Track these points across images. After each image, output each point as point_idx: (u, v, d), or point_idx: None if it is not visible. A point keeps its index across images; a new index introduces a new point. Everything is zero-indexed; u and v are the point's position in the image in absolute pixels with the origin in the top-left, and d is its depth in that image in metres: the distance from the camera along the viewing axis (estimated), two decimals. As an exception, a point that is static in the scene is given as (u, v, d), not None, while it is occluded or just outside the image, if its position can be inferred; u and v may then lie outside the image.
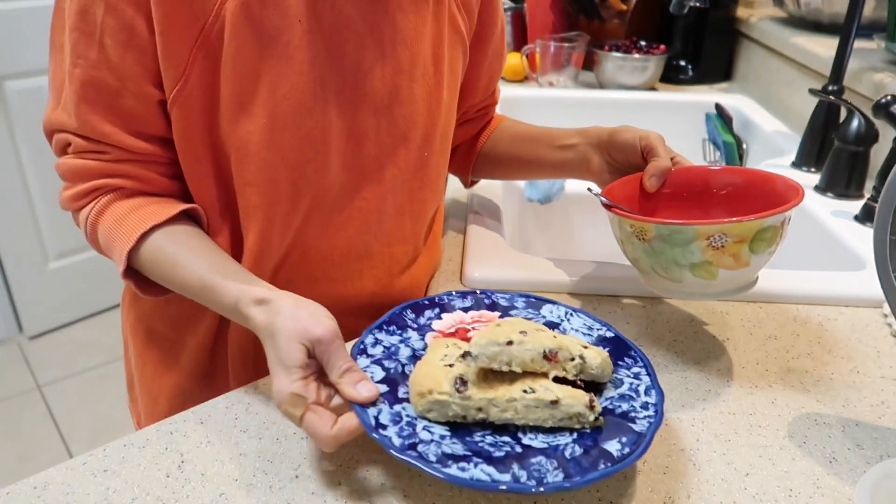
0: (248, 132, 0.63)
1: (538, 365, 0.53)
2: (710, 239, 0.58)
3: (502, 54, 0.86)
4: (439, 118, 0.73)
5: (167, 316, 0.76)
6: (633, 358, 0.58)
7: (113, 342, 2.28)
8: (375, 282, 0.75)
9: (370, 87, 0.67)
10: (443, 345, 0.56)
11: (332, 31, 0.63)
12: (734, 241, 0.59)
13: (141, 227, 0.63)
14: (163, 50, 0.60)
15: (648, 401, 0.53)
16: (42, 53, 2.02)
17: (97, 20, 0.59)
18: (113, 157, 0.64)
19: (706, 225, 0.58)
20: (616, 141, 0.74)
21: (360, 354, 0.57)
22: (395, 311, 0.62)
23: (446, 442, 0.50)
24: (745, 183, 0.70)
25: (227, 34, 0.60)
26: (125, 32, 0.59)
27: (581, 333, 0.61)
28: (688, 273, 0.61)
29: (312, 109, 0.64)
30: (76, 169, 0.65)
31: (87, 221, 0.66)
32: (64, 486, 0.52)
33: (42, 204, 2.15)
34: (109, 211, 0.65)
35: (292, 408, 0.51)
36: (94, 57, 0.60)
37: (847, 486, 0.54)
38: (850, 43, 1.02)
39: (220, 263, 0.62)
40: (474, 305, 0.64)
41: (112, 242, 0.64)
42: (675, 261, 0.61)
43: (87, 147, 0.64)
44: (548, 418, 0.52)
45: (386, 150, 0.70)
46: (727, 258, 0.59)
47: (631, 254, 0.65)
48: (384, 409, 0.52)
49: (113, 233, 0.64)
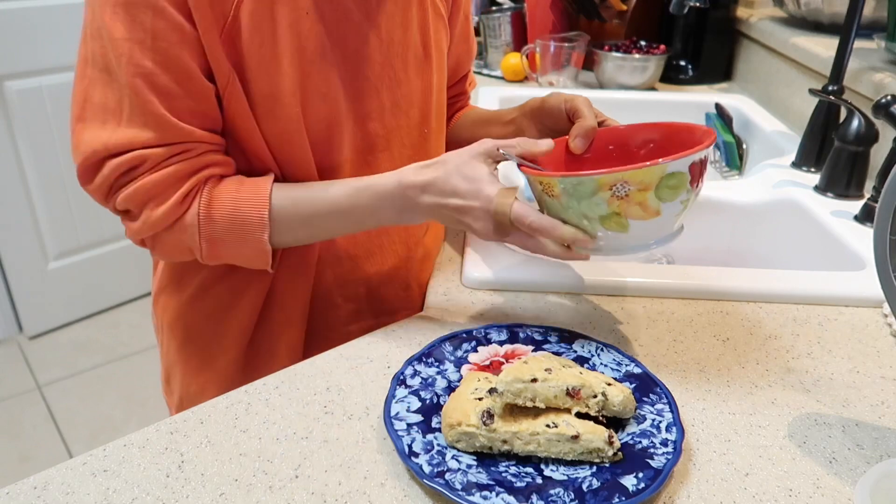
0: (283, 122, 0.67)
1: (561, 401, 0.55)
2: (613, 189, 0.57)
3: (467, 39, 0.90)
4: (433, 95, 0.79)
5: (205, 310, 0.79)
6: (658, 395, 0.59)
7: (113, 342, 2.28)
8: (394, 255, 0.80)
9: (371, 71, 0.72)
10: (475, 378, 0.59)
11: (334, 22, 0.68)
12: (637, 188, 0.57)
13: (263, 187, 0.67)
14: (209, 49, 0.62)
15: (668, 437, 0.55)
16: (42, 53, 2.03)
17: (147, 27, 0.59)
18: (198, 151, 0.65)
19: (606, 174, 0.57)
20: (545, 107, 0.77)
21: (399, 385, 0.60)
22: (433, 344, 0.65)
23: (472, 471, 0.53)
24: (666, 136, 0.69)
25: (245, 33, 0.63)
26: (177, 32, 0.60)
27: (609, 369, 0.63)
28: (599, 226, 0.60)
29: (326, 95, 0.69)
30: (163, 179, 0.64)
31: (200, 215, 0.66)
32: (64, 486, 0.52)
33: (42, 204, 2.15)
34: (217, 195, 0.66)
35: (505, 198, 0.60)
36: (150, 64, 0.60)
37: (847, 486, 0.54)
38: (850, 43, 1.02)
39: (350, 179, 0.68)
40: (509, 339, 0.67)
41: (241, 217, 0.66)
42: (584, 215, 0.60)
43: (170, 152, 0.64)
44: (569, 452, 0.54)
45: (390, 129, 0.76)
46: (634, 207, 0.58)
47: (547, 213, 0.64)
48: (417, 437, 0.55)
49: (236, 209, 0.66)
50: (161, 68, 0.61)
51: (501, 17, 1.63)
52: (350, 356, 0.67)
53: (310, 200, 0.67)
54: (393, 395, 0.58)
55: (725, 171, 1.30)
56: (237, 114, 0.66)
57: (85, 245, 2.29)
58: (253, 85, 0.65)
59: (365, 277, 0.79)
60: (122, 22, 0.59)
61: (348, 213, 0.67)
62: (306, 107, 0.68)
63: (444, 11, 0.81)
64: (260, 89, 0.65)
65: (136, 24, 0.59)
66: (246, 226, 0.66)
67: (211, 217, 0.66)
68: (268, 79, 0.65)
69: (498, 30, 1.64)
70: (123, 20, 0.59)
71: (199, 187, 0.66)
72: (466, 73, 0.95)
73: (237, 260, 0.70)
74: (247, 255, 0.69)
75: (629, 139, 0.71)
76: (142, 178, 0.63)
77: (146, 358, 2.21)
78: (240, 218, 0.66)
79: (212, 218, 0.66)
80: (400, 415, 0.57)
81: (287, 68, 0.65)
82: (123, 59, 0.60)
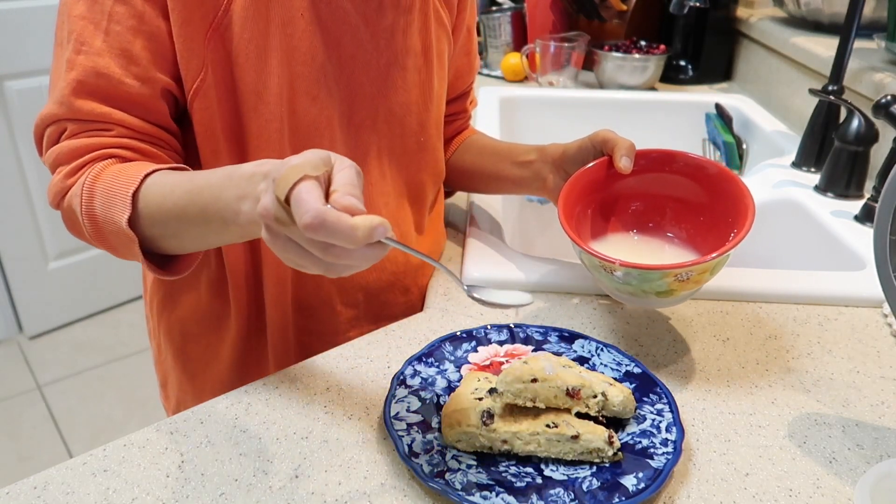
0: (266, 120, 0.66)
1: (561, 401, 0.55)
2: (677, 275, 0.61)
3: (468, 53, 0.87)
4: (431, 105, 0.78)
5: (200, 316, 0.78)
6: (658, 394, 0.59)
7: (113, 342, 2.28)
8: (393, 261, 0.79)
9: (366, 77, 0.71)
10: (474, 378, 0.59)
11: (330, 25, 0.67)
12: (699, 273, 0.61)
13: (146, 167, 0.59)
14: (183, 42, 0.61)
15: (668, 437, 0.55)
16: (42, 53, 2.02)
17: (106, 9, 0.60)
18: (116, 133, 0.63)
19: (674, 268, 0.60)
20: (569, 154, 0.75)
21: (399, 385, 0.60)
22: (433, 344, 0.65)
23: (472, 471, 0.53)
24: (704, 181, 0.70)
25: (236, 27, 0.62)
26: (135, 19, 0.60)
27: (609, 369, 0.63)
28: (652, 297, 0.64)
29: (317, 98, 0.68)
30: (73, 147, 0.62)
31: (84, 186, 0.60)
32: (64, 486, 0.52)
33: (42, 204, 2.15)
34: (106, 171, 0.60)
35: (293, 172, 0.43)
36: (99, 44, 0.60)
37: (847, 486, 0.54)
38: (850, 43, 1.02)
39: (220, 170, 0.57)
40: (509, 339, 0.67)
41: (111, 193, 0.59)
42: (641, 289, 0.63)
43: (86, 127, 0.62)
44: (569, 452, 0.54)
45: (384, 136, 0.74)
46: (691, 284, 0.63)
47: (596, 278, 0.67)
48: (417, 437, 0.55)
49: (112, 186, 0.59)
50: (108, 51, 0.60)
51: (501, 16, 1.63)
52: (350, 356, 0.66)
53: (175, 177, 0.58)
54: (393, 395, 0.58)
55: (725, 171, 1.30)
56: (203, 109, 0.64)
57: (85, 245, 2.29)
58: (239, 80, 0.64)
59: (364, 284, 0.78)
60: (85, 2, 0.60)
61: (198, 193, 0.55)
62: (294, 107, 0.67)
63: (448, 21, 0.79)
64: (245, 84, 0.64)
65: (96, 5, 0.60)
66: (113, 202, 0.58)
67: (92, 192, 0.60)
68: (255, 75, 0.64)
69: (498, 30, 1.64)
70: (86, 0, 0.60)
71: (96, 162, 0.61)
72: (468, 91, 0.92)
73: (120, 249, 0.62)
74: (120, 242, 0.61)
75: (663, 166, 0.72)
76: (59, 144, 0.63)
77: (146, 358, 2.21)
78: (111, 194, 0.59)
79: (93, 192, 0.60)
80: (400, 415, 0.57)
81: (275, 67, 0.65)
82: (73, 35, 0.60)
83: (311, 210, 0.41)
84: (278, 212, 0.44)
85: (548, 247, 1.14)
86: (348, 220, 0.42)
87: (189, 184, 0.56)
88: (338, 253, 0.44)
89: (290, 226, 0.44)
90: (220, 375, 0.79)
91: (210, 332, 0.78)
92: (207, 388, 0.80)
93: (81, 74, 0.60)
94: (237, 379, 0.78)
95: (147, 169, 0.59)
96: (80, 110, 0.61)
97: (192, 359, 0.81)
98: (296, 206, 0.42)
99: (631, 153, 0.70)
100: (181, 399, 0.84)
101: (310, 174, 0.43)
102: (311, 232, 0.42)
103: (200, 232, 0.58)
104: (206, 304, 0.77)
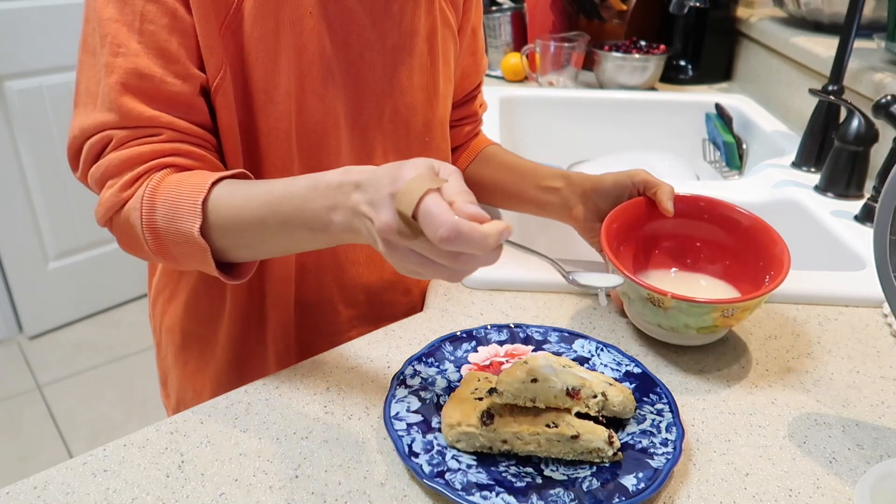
0: (275, 118, 0.66)
1: (561, 401, 0.55)
2: (724, 311, 0.62)
3: (475, 53, 0.86)
4: (437, 105, 0.78)
5: (199, 315, 0.78)
6: (658, 394, 0.59)
7: (113, 342, 2.28)
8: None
9: (372, 76, 0.71)
10: (475, 378, 0.59)
11: (337, 24, 0.67)
12: (742, 310, 0.63)
13: (211, 176, 0.59)
14: (203, 39, 0.61)
15: (668, 437, 0.55)
16: (42, 53, 2.02)
17: (137, 10, 0.59)
18: (166, 137, 0.61)
19: (723, 303, 0.62)
20: (602, 188, 0.75)
21: (399, 385, 0.60)
22: (433, 344, 0.65)
23: (472, 471, 0.53)
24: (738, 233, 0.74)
25: (247, 25, 0.63)
26: (168, 17, 0.60)
27: (609, 369, 0.63)
28: (692, 332, 0.65)
29: (324, 96, 0.68)
30: (125, 157, 0.60)
31: (143, 199, 0.59)
32: (64, 486, 0.52)
33: (42, 204, 2.15)
34: (166, 182, 0.60)
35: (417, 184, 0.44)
36: (135, 46, 0.60)
37: (847, 486, 0.54)
38: (850, 43, 1.02)
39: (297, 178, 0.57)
40: (509, 339, 0.67)
41: (177, 204, 0.58)
42: (684, 324, 0.64)
43: (135, 135, 0.60)
44: (569, 452, 0.54)
45: (389, 136, 0.75)
46: (732, 321, 0.65)
47: (635, 312, 0.68)
48: (417, 437, 0.55)
49: (176, 196, 0.58)
50: (146, 52, 0.60)
51: (501, 16, 1.63)
52: (350, 356, 0.67)
53: (248, 188, 0.58)
54: (393, 395, 0.58)
55: (725, 172, 1.30)
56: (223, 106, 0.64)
57: (85, 245, 2.29)
58: (250, 78, 0.65)
59: (365, 284, 0.78)
60: (114, 4, 0.59)
61: (279, 203, 0.56)
62: (302, 106, 0.67)
63: (454, 21, 0.79)
64: (256, 83, 0.65)
65: (126, 7, 0.59)
66: (179, 213, 0.58)
67: (153, 203, 0.59)
68: (265, 73, 0.64)
69: (498, 30, 1.64)
70: (115, 3, 0.59)
71: (151, 172, 0.61)
72: (476, 93, 0.90)
73: (185, 260, 0.62)
74: (188, 252, 0.60)
75: (702, 213, 0.75)
76: (106, 157, 0.61)
77: (146, 358, 2.21)
78: (175, 205, 0.58)
79: (154, 204, 0.59)
80: (400, 415, 0.57)
81: (284, 65, 0.65)
82: (108, 38, 0.59)
83: (445, 223, 0.43)
84: (401, 227, 0.46)
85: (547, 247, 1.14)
86: (480, 230, 0.44)
87: (267, 194, 0.57)
88: (466, 259, 0.46)
89: (412, 238, 0.46)
90: (220, 374, 0.79)
91: (210, 331, 0.78)
92: (208, 386, 0.81)
93: (123, 77, 0.59)
94: (237, 378, 0.78)
95: (211, 178, 0.59)
96: (130, 114, 0.60)
97: (193, 357, 0.81)
98: (427, 220, 0.44)
99: (672, 196, 0.72)
100: (181, 397, 0.84)
101: (431, 188, 0.45)
102: (447, 244, 0.44)
103: (279, 241, 0.59)
104: (206, 302, 0.77)
